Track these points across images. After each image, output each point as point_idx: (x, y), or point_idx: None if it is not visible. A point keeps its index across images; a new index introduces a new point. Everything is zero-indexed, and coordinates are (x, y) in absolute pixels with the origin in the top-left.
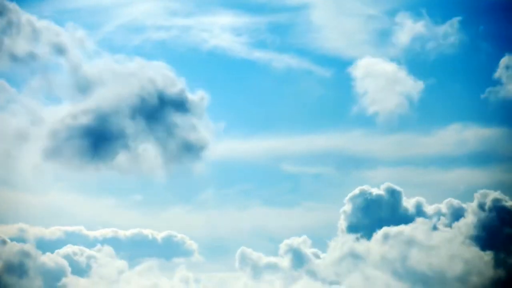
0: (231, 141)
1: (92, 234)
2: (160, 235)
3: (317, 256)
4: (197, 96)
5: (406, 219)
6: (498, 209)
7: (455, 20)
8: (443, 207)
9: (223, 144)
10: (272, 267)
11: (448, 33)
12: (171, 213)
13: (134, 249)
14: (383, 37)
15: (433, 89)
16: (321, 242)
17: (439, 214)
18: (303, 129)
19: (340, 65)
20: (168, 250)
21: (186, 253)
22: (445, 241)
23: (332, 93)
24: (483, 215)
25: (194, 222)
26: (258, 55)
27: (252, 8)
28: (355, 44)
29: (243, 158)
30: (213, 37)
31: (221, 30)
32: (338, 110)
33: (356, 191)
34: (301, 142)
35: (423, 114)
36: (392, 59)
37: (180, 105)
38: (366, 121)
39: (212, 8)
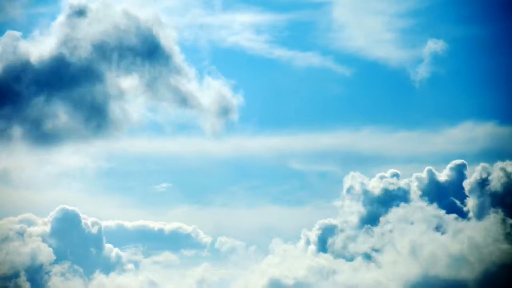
0: (241, 138)
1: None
2: (166, 229)
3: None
4: None
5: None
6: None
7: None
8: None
9: (233, 140)
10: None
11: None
12: (178, 211)
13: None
14: (407, 36)
15: (445, 85)
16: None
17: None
18: (316, 127)
19: (362, 64)
20: (174, 244)
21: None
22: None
23: (350, 91)
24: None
25: (202, 220)
26: (279, 53)
27: (274, 6)
28: (378, 44)
29: (252, 155)
30: (233, 35)
31: (242, 28)
32: (352, 108)
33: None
34: (312, 140)
35: (433, 110)
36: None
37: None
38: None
39: (233, 6)
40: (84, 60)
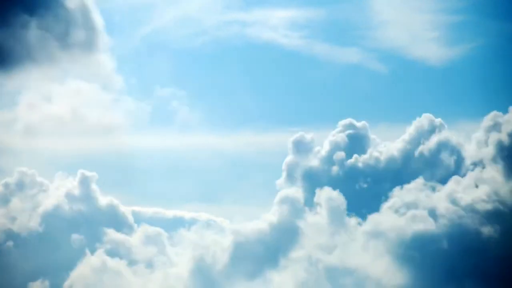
0: (251, 134)
1: None
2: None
3: None
4: None
5: None
6: None
7: None
8: None
9: (243, 136)
10: None
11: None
12: (186, 209)
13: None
14: (450, 34)
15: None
16: None
17: None
18: (331, 123)
19: (401, 62)
20: None
21: None
22: None
23: (382, 89)
24: None
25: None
26: (315, 49)
27: (311, 1)
28: (419, 41)
29: (262, 151)
30: (270, 31)
31: (279, 24)
32: (374, 105)
33: None
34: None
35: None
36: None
37: None
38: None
39: (269, 1)
40: None
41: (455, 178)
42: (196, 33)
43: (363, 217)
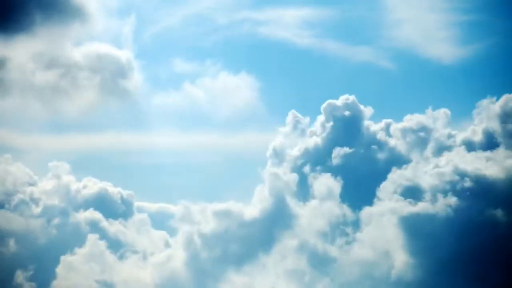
0: (255, 133)
1: None
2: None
3: None
4: None
5: None
6: None
7: None
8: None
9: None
10: None
11: None
12: None
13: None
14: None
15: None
16: None
17: None
18: None
19: (413, 61)
20: None
21: None
22: None
23: (390, 87)
24: None
25: None
26: (329, 49)
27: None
28: (432, 40)
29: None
30: (282, 30)
31: (291, 23)
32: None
33: None
34: None
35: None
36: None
37: None
38: None
39: (282, 0)
40: None
41: (456, 155)
42: (208, 31)
43: (359, 203)
